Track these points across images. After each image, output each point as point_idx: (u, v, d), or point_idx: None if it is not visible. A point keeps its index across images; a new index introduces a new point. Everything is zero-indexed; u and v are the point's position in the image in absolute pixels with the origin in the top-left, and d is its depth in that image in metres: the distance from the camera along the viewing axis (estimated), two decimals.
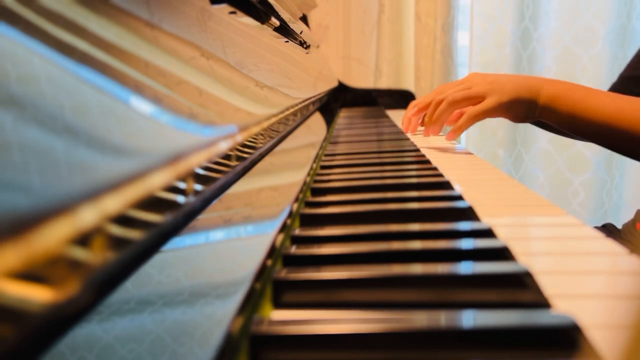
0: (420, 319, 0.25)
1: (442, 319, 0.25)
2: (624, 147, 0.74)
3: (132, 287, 0.19)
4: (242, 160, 0.38)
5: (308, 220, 0.43)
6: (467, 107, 0.80)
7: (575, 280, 0.30)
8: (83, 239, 0.16)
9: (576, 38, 1.65)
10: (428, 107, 0.85)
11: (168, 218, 0.23)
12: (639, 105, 0.70)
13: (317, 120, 0.96)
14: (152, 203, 0.21)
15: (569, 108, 0.73)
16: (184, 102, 0.29)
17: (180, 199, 0.25)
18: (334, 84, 1.47)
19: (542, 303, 0.27)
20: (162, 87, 0.27)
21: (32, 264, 0.13)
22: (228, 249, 0.29)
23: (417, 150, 0.77)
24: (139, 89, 0.25)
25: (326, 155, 0.75)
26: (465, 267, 0.30)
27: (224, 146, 0.33)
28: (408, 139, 0.89)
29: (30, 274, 0.13)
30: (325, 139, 0.89)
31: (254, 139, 0.42)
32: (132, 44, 0.26)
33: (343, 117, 1.36)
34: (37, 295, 0.14)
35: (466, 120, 0.78)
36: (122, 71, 0.24)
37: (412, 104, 0.93)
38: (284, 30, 0.87)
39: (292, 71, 0.81)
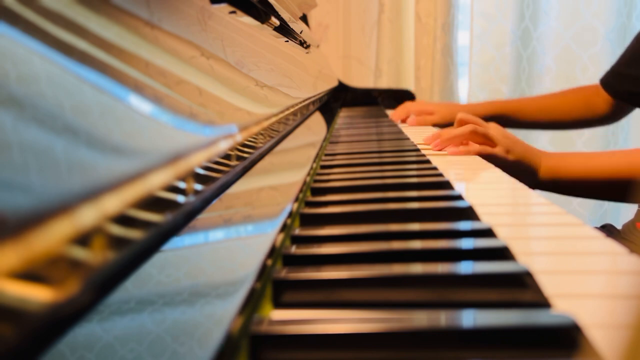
0: (420, 319, 0.25)
1: (442, 318, 0.25)
2: (625, 197, 0.78)
3: (132, 287, 0.19)
4: (242, 160, 0.38)
5: (308, 220, 0.43)
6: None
7: (575, 280, 0.30)
8: (83, 239, 0.16)
9: (576, 38, 1.65)
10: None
11: (168, 218, 0.23)
12: (632, 157, 0.74)
13: (317, 120, 0.96)
14: (152, 203, 0.21)
15: (568, 175, 0.77)
16: (183, 102, 0.29)
17: (180, 198, 0.25)
18: (334, 83, 1.47)
19: (542, 303, 0.27)
20: (162, 86, 0.27)
21: (32, 264, 0.13)
22: (228, 248, 0.29)
23: (417, 150, 0.77)
24: (139, 89, 0.25)
25: (326, 154, 0.75)
26: (466, 267, 0.30)
27: (224, 146, 0.33)
28: (408, 138, 0.89)
29: (30, 274, 0.13)
30: (325, 139, 0.88)
31: (254, 138, 0.42)
32: (132, 44, 0.26)
33: (343, 116, 1.35)
34: (37, 295, 0.14)
35: (469, 151, 0.78)
36: (122, 71, 0.24)
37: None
38: (284, 29, 0.87)
39: (292, 71, 0.81)
